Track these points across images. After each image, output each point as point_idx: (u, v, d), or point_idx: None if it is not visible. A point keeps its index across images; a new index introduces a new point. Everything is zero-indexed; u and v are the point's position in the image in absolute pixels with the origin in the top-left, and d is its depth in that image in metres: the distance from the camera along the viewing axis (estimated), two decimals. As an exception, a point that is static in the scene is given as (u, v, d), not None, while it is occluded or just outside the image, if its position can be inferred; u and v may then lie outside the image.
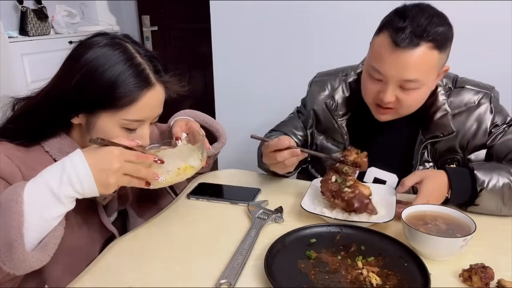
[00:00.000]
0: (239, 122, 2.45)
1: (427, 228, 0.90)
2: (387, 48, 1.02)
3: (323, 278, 0.81)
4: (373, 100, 1.13)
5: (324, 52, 2.13)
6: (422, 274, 0.78)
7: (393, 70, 1.03)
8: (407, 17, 1.01)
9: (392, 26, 1.02)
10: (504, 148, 1.14)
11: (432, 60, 1.03)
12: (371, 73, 1.09)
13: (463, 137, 1.17)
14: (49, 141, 0.92)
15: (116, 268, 0.85)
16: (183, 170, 0.92)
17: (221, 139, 1.23)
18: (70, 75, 0.87)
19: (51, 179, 0.74)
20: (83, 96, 0.87)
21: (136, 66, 0.88)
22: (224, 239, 0.97)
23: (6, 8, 2.83)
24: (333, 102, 1.26)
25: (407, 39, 0.99)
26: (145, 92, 0.88)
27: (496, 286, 0.79)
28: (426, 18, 1.00)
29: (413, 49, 1.00)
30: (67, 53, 0.92)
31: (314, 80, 1.39)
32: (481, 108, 1.16)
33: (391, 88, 1.06)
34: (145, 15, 3.82)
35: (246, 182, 1.28)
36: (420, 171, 1.11)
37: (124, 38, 0.93)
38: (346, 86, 1.27)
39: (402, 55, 1.01)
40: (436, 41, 1.01)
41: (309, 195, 1.12)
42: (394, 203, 1.04)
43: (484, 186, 1.03)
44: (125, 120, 0.88)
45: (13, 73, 2.63)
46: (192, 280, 0.84)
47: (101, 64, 0.86)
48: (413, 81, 1.04)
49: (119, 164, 0.78)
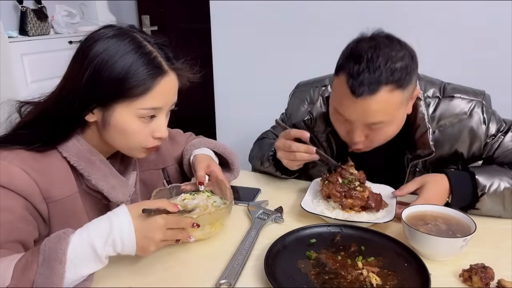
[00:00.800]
0: (238, 122, 2.45)
1: (427, 228, 0.90)
2: (346, 95, 0.98)
3: (323, 278, 0.81)
4: (344, 138, 1.10)
5: (324, 52, 2.12)
6: (422, 274, 0.78)
7: (356, 116, 1.00)
8: (362, 60, 0.95)
9: (348, 72, 0.96)
10: (507, 156, 1.10)
11: (395, 100, 0.97)
12: (337, 115, 1.06)
13: (457, 151, 1.13)
14: (65, 145, 0.89)
15: (116, 268, 0.85)
16: (214, 228, 0.96)
17: (233, 172, 1.23)
18: (81, 70, 0.85)
19: (97, 240, 0.73)
20: (97, 90, 0.85)
21: (147, 54, 0.87)
22: (224, 239, 0.97)
23: (6, 8, 2.83)
24: (311, 118, 1.24)
25: (364, 87, 0.94)
26: (159, 80, 0.87)
27: (496, 286, 0.79)
28: (383, 57, 0.94)
29: (372, 96, 0.94)
30: (70, 52, 0.90)
31: (294, 92, 1.36)
32: (474, 119, 1.10)
33: (358, 130, 1.03)
34: (145, 15, 3.82)
35: (246, 182, 1.28)
36: (420, 177, 1.07)
37: (130, 28, 0.92)
38: (323, 101, 1.24)
39: (362, 102, 0.96)
40: (396, 82, 0.95)
41: (309, 195, 1.12)
42: (394, 203, 1.05)
43: (485, 191, 1.02)
44: (141, 109, 0.87)
45: (13, 73, 2.63)
46: (192, 280, 0.84)
47: (112, 55, 0.84)
48: (379, 123, 1.00)
49: (161, 235, 0.79)
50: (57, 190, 0.86)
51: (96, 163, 0.92)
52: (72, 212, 0.89)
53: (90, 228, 0.75)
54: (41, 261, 0.69)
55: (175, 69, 0.92)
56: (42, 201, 0.85)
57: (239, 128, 2.44)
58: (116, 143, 0.93)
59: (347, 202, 1.02)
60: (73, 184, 0.90)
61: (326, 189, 1.06)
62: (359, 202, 1.02)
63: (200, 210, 0.98)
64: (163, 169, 1.17)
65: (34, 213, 0.84)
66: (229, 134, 2.51)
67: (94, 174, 0.91)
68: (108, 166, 0.95)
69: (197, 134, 1.34)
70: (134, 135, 0.90)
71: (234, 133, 2.46)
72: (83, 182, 0.93)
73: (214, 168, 1.10)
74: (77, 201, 0.91)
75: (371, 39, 1.00)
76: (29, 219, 0.83)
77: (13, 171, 0.81)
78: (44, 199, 0.85)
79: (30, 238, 0.83)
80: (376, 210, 1.03)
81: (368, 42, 0.99)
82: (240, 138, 1.79)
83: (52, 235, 0.74)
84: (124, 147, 0.94)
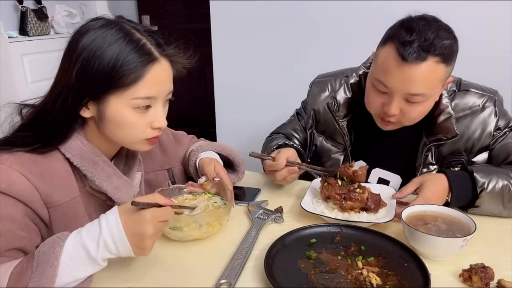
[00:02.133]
0: (239, 122, 2.45)
1: (427, 228, 0.90)
2: (393, 62, 1.01)
3: (323, 278, 0.81)
4: (377, 111, 1.12)
5: (324, 52, 2.13)
6: (422, 274, 0.78)
7: (399, 84, 1.02)
8: (414, 31, 0.99)
9: (399, 39, 1.00)
10: (503, 151, 1.14)
11: (438, 73, 1.02)
12: (376, 85, 1.08)
13: (468, 140, 1.16)
14: (67, 146, 0.88)
15: (116, 268, 0.85)
16: (212, 228, 0.96)
17: (238, 174, 1.23)
18: (71, 64, 0.83)
19: (89, 243, 0.72)
20: (87, 83, 0.83)
21: (135, 41, 0.85)
22: (224, 239, 0.98)
23: (6, 8, 2.83)
24: (334, 103, 1.25)
25: (414, 53, 0.98)
26: (150, 67, 0.85)
27: (496, 286, 0.79)
28: (432, 32, 0.99)
29: (420, 63, 0.99)
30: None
31: (315, 81, 1.40)
32: (486, 112, 1.16)
33: (396, 101, 1.05)
34: (145, 15, 3.82)
35: (246, 182, 1.28)
36: (418, 177, 1.09)
37: (118, 18, 0.90)
38: (347, 87, 1.26)
39: (408, 69, 0.99)
40: (443, 55, 0.99)
41: (309, 195, 1.12)
42: (394, 203, 1.05)
43: (484, 187, 1.03)
44: (135, 99, 0.85)
45: (13, 73, 2.63)
46: (192, 280, 0.84)
47: (99, 46, 0.82)
48: (419, 95, 1.03)
49: (152, 229, 0.76)
50: (58, 194, 0.85)
51: (99, 163, 0.91)
52: (73, 216, 0.89)
53: (83, 231, 0.74)
54: (34, 267, 0.69)
55: (167, 56, 0.89)
56: (43, 206, 0.83)
57: (239, 128, 2.45)
58: (116, 137, 0.91)
59: (347, 205, 1.02)
60: (75, 188, 0.89)
61: (326, 191, 1.06)
62: (358, 204, 1.02)
63: (200, 210, 0.98)
64: (169, 170, 1.17)
65: (35, 219, 0.84)
66: (229, 134, 2.52)
67: (97, 175, 0.90)
68: (112, 166, 0.94)
69: (197, 134, 1.35)
70: (132, 127, 0.88)
71: (234, 133, 2.47)
72: (86, 183, 0.92)
73: (219, 171, 1.11)
74: (79, 205, 0.90)
75: (420, 18, 1.04)
76: (29, 225, 0.82)
77: (12, 176, 0.80)
78: (45, 204, 0.83)
79: (30, 245, 0.82)
80: (375, 211, 1.03)
81: (418, 19, 1.03)
82: (240, 138, 1.79)
83: (47, 240, 0.73)
84: (125, 140, 0.92)
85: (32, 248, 0.83)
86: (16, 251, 0.79)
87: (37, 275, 0.69)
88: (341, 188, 1.04)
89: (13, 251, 0.79)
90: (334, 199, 1.04)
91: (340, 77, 1.33)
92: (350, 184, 1.06)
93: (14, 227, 0.79)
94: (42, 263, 0.69)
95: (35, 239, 0.84)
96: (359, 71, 1.26)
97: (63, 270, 0.70)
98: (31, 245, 0.82)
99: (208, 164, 1.12)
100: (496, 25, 1.80)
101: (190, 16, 3.67)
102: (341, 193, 1.03)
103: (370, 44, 1.88)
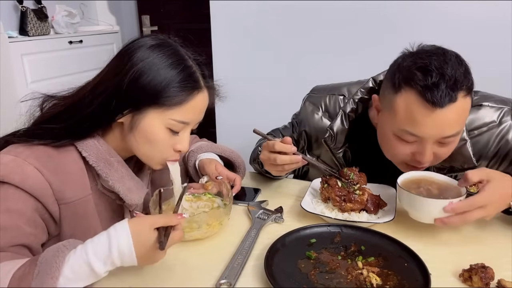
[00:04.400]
0: (238, 122, 2.45)
1: (418, 191, 0.92)
2: (421, 109, 0.92)
3: (323, 278, 0.81)
4: (405, 160, 1.04)
5: (324, 53, 2.13)
6: (422, 274, 0.78)
7: (432, 131, 0.95)
8: (432, 71, 0.92)
9: (420, 84, 0.92)
10: None
11: (468, 107, 0.96)
12: (403, 136, 0.99)
13: (485, 159, 1.10)
14: (84, 144, 0.89)
15: (116, 268, 0.85)
16: (212, 228, 0.96)
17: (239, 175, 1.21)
18: (122, 71, 0.86)
19: (96, 262, 0.71)
20: (136, 93, 0.86)
21: (188, 68, 0.90)
22: (224, 239, 0.98)
23: (6, 8, 2.83)
24: (332, 136, 1.19)
25: (446, 97, 0.90)
26: (195, 94, 0.90)
27: (496, 286, 0.79)
28: (450, 66, 0.92)
29: (453, 104, 0.91)
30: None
31: (308, 97, 1.33)
32: (504, 127, 1.09)
33: (429, 147, 0.98)
34: (145, 15, 3.82)
35: (246, 182, 1.28)
36: (486, 171, 0.96)
37: (169, 39, 0.94)
38: (345, 116, 1.19)
39: (442, 113, 0.91)
40: (468, 86, 0.93)
41: (309, 195, 1.12)
42: (394, 203, 1.05)
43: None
44: (172, 120, 0.88)
45: (13, 73, 2.63)
46: (192, 280, 0.84)
47: (155, 63, 0.86)
48: (453, 135, 0.97)
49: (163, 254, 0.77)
50: (70, 191, 0.86)
51: (114, 164, 0.92)
52: (83, 214, 0.89)
53: (89, 248, 0.71)
54: (35, 274, 0.69)
55: (208, 88, 0.95)
56: (54, 203, 0.84)
57: (239, 128, 2.44)
58: (137, 148, 0.92)
59: (346, 206, 1.02)
60: (87, 186, 0.90)
61: (326, 192, 1.06)
62: (358, 206, 1.02)
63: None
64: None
65: (45, 215, 0.84)
66: (229, 134, 2.52)
67: (111, 176, 0.91)
68: (126, 167, 0.95)
69: (197, 134, 1.35)
70: (158, 143, 0.90)
71: (234, 133, 2.46)
72: (99, 182, 0.93)
73: (221, 170, 1.11)
74: (89, 203, 0.90)
75: (423, 51, 0.97)
76: (37, 221, 0.83)
77: (27, 170, 0.81)
78: (56, 200, 0.84)
79: (36, 242, 0.83)
80: (374, 213, 1.03)
81: (423, 54, 0.96)
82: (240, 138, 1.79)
83: (51, 248, 0.72)
84: (144, 154, 0.93)
85: (37, 245, 0.84)
86: (21, 247, 0.80)
87: (37, 283, 0.68)
88: (341, 189, 1.04)
89: (18, 247, 0.79)
90: (333, 201, 1.04)
91: (335, 94, 1.26)
92: (350, 186, 1.06)
93: (22, 222, 0.79)
94: (43, 272, 0.69)
95: (41, 236, 0.84)
96: (356, 97, 1.18)
97: (63, 282, 0.70)
98: (37, 242, 0.83)
99: (209, 164, 1.13)
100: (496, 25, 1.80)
101: (190, 16, 3.67)
102: (340, 194, 1.03)
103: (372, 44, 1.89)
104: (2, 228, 0.77)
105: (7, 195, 0.79)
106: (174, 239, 0.78)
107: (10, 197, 0.79)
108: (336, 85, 1.31)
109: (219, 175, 1.09)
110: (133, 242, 0.72)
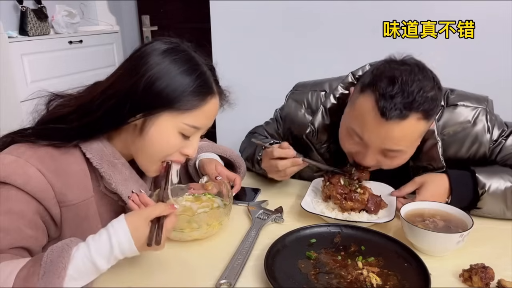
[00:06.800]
0: (238, 123, 2.45)
1: (425, 225, 0.91)
2: (371, 116, 0.94)
3: (323, 278, 0.81)
4: (351, 154, 1.07)
5: (324, 52, 2.13)
6: (422, 274, 0.78)
7: (376, 140, 0.97)
8: (396, 82, 0.91)
9: (379, 91, 0.92)
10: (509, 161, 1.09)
11: (418, 130, 0.96)
12: (352, 135, 1.02)
13: (461, 158, 1.11)
14: (89, 145, 0.88)
15: (116, 268, 0.85)
16: (211, 228, 0.97)
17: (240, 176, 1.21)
18: (138, 74, 0.85)
19: (99, 260, 0.72)
20: (150, 97, 0.85)
21: (203, 74, 0.89)
22: (224, 239, 0.98)
23: (6, 8, 2.83)
24: (313, 131, 1.19)
25: (396, 111, 0.90)
26: (209, 99, 0.90)
27: (496, 286, 0.79)
28: (416, 83, 0.91)
29: (401, 121, 0.92)
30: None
31: (291, 93, 1.34)
32: (478, 128, 1.09)
33: (371, 154, 1.00)
34: (145, 15, 3.82)
35: (246, 182, 1.28)
36: (419, 177, 1.06)
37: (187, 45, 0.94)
38: (325, 112, 1.19)
39: (388, 126, 0.92)
40: (425, 112, 0.93)
41: (309, 195, 1.12)
42: (394, 203, 1.05)
43: (485, 189, 1.01)
44: (184, 124, 0.88)
45: (13, 73, 2.62)
46: (192, 280, 0.84)
47: (171, 69, 0.86)
48: (397, 151, 0.99)
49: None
50: (72, 194, 0.85)
51: (118, 166, 0.91)
52: (85, 216, 0.89)
53: (91, 246, 0.72)
54: (41, 274, 0.69)
55: (220, 93, 0.95)
56: (56, 205, 0.83)
57: (239, 128, 2.44)
58: (143, 151, 0.90)
59: (347, 205, 1.02)
60: (89, 188, 0.89)
61: (327, 190, 1.06)
62: (358, 205, 1.02)
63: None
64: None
65: (45, 217, 0.83)
66: (229, 134, 2.51)
67: (115, 178, 0.90)
68: (130, 169, 0.94)
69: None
70: (168, 146, 0.90)
71: (234, 133, 2.46)
72: (101, 183, 0.92)
73: (221, 170, 1.11)
74: (91, 206, 0.90)
75: (403, 63, 0.97)
76: (38, 224, 0.82)
77: (29, 172, 0.80)
78: (58, 202, 0.83)
79: (36, 245, 0.82)
80: (374, 213, 1.03)
81: (400, 65, 0.96)
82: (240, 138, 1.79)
83: (55, 247, 0.72)
84: (148, 158, 0.92)
85: (37, 248, 0.83)
86: (21, 249, 0.79)
87: (44, 283, 0.68)
88: (342, 188, 1.04)
89: (18, 249, 0.78)
90: (334, 199, 1.04)
91: (317, 91, 1.26)
92: (351, 184, 1.06)
93: (23, 225, 0.79)
94: (50, 272, 0.69)
95: (42, 239, 0.84)
96: (336, 92, 1.18)
97: (69, 281, 0.70)
98: (37, 245, 0.82)
99: (209, 164, 1.13)
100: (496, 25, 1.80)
101: (190, 16, 3.67)
102: (342, 192, 1.03)
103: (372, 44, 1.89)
104: (2, 230, 0.76)
105: (9, 197, 0.79)
106: (167, 228, 0.79)
107: (11, 199, 0.79)
108: (319, 81, 1.31)
109: (219, 175, 1.09)
110: (132, 237, 0.74)
